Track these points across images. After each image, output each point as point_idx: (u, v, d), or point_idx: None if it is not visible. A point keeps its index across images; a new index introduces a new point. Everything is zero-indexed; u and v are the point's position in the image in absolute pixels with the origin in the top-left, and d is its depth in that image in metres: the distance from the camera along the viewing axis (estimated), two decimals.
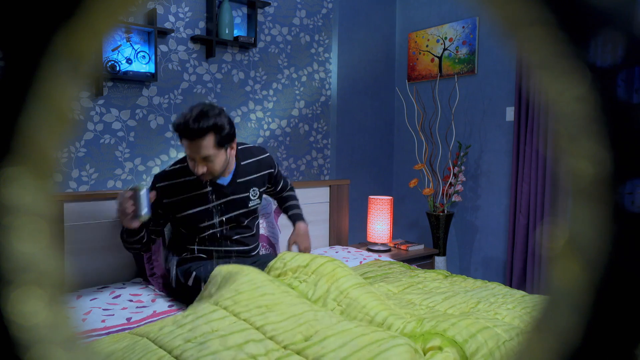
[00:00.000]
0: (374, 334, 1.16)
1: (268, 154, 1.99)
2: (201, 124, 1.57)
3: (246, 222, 1.91)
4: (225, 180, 1.83)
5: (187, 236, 1.88)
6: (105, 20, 0.20)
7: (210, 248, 1.88)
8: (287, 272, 1.71)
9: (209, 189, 1.79)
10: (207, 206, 1.79)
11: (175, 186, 1.77)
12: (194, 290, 1.73)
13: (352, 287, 1.55)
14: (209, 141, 1.60)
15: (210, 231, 1.84)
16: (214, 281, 1.55)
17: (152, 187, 1.79)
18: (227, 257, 1.90)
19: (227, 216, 1.84)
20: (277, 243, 2.38)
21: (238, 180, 1.85)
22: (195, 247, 1.87)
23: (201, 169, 1.64)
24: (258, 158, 1.94)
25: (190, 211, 1.79)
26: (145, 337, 1.28)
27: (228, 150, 1.71)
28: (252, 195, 1.89)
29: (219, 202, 1.81)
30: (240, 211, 1.87)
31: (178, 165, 1.81)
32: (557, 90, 0.20)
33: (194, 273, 1.77)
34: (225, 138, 1.65)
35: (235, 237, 1.89)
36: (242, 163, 1.87)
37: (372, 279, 2.07)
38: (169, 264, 1.91)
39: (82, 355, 0.21)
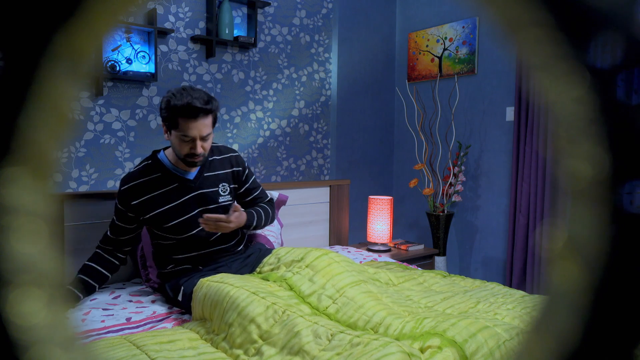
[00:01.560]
0: (366, 347, 1.15)
1: (237, 153, 1.95)
2: (208, 105, 1.66)
3: None
4: (191, 174, 1.79)
5: (167, 246, 1.81)
6: (105, 20, 0.20)
7: (192, 254, 1.81)
8: (280, 266, 1.70)
9: (175, 184, 1.75)
10: (174, 203, 1.73)
11: (141, 185, 1.73)
12: (184, 304, 1.70)
13: (349, 286, 1.54)
14: (209, 120, 1.69)
15: (188, 234, 1.76)
16: (198, 299, 1.54)
17: (118, 193, 1.75)
18: (212, 262, 1.83)
19: (196, 211, 1.76)
20: (278, 241, 2.37)
21: (205, 174, 1.81)
22: (177, 257, 1.80)
23: (200, 149, 1.68)
24: (224, 156, 1.90)
25: (159, 210, 1.72)
26: (145, 354, 1.27)
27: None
28: (221, 190, 1.83)
29: (186, 197, 1.75)
30: (211, 206, 1.79)
31: (143, 164, 1.78)
32: (556, 91, 0.20)
33: (182, 289, 1.72)
34: (215, 120, 1.74)
35: (212, 237, 1.81)
36: (209, 159, 1.84)
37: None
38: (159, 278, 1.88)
39: (81, 356, 0.21)
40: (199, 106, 1.61)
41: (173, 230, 1.76)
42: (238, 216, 1.73)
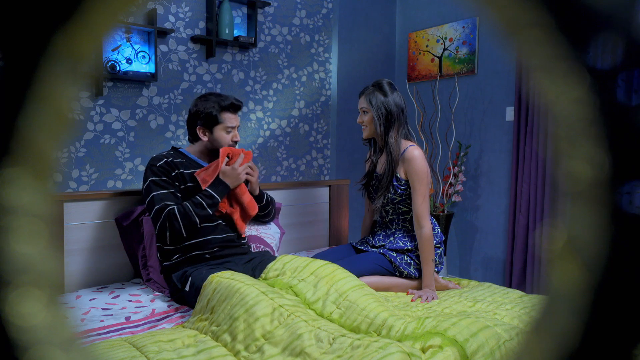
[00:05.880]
0: (366, 349, 1.15)
1: None
2: (241, 103, 2.09)
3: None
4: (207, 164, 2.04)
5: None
6: (105, 20, 0.20)
7: (202, 239, 1.88)
8: (285, 272, 1.72)
9: (197, 169, 1.98)
10: (196, 183, 1.97)
11: (172, 163, 1.96)
12: (191, 295, 1.73)
13: (352, 289, 1.55)
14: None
15: (203, 213, 1.89)
16: (206, 292, 1.58)
17: (158, 168, 1.90)
18: (219, 250, 1.91)
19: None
20: (275, 242, 2.37)
21: None
22: (185, 244, 1.86)
23: (238, 134, 2.07)
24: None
25: (186, 185, 1.94)
26: (144, 356, 1.28)
27: None
28: None
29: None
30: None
31: (166, 152, 2.02)
32: (556, 92, 0.20)
33: (190, 279, 1.76)
34: None
35: (221, 220, 1.97)
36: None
37: None
38: (163, 273, 1.91)
39: (80, 357, 0.21)
40: (238, 103, 2.08)
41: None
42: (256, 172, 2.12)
